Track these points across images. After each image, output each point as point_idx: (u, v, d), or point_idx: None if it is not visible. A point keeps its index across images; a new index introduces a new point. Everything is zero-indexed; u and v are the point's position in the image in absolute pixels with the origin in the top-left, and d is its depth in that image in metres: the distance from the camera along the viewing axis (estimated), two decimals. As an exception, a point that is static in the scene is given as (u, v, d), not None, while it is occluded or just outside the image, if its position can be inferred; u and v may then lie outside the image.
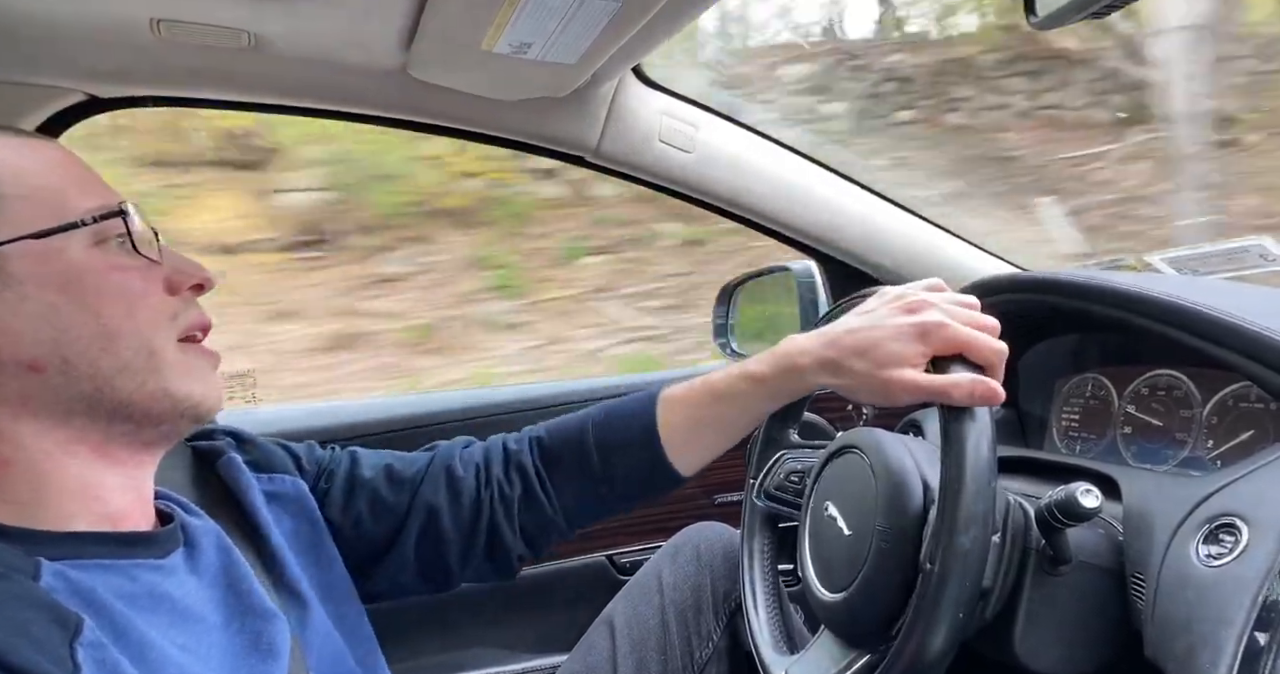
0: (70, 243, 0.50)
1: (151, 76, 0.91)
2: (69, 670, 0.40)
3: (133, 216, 0.53)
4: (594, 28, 0.77)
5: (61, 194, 0.51)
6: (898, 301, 0.65)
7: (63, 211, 0.50)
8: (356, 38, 0.86)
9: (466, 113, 1.00)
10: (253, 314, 3.42)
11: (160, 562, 0.52)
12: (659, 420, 0.73)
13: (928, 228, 1.19)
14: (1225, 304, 0.65)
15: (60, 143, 0.57)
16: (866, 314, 0.66)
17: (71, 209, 0.51)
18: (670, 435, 0.73)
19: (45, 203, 0.50)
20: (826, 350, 0.66)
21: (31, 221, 0.49)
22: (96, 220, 0.51)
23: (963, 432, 0.56)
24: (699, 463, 0.76)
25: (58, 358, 0.49)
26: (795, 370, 0.68)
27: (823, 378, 0.67)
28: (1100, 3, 0.49)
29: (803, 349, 0.68)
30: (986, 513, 0.54)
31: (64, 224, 0.50)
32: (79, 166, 0.54)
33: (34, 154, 0.52)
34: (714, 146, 1.09)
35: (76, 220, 0.50)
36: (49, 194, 0.51)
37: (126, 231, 0.52)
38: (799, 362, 0.68)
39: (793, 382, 0.69)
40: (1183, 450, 0.75)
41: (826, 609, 0.66)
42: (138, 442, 0.53)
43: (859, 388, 0.65)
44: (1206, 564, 0.55)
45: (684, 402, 0.74)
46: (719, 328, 1.35)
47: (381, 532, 0.72)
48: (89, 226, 0.51)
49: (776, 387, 0.70)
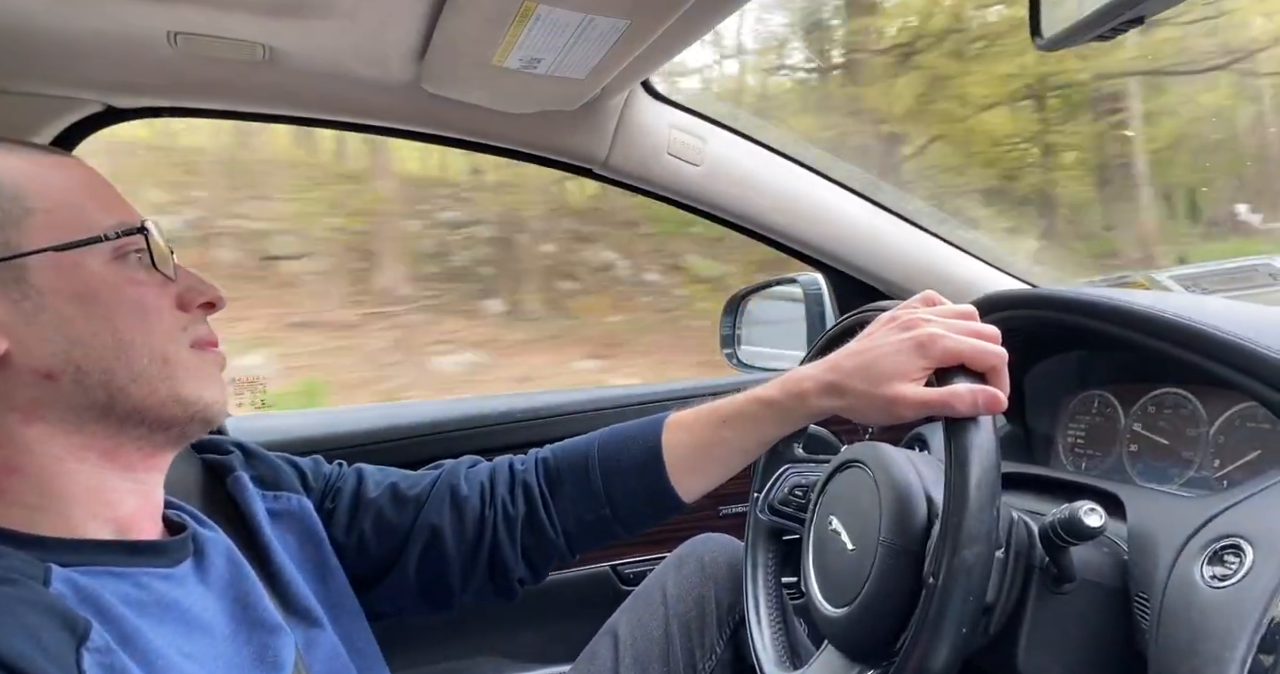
0: (91, 257, 0.51)
1: (168, 88, 0.93)
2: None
3: (153, 234, 0.54)
4: (604, 44, 0.78)
5: (85, 209, 0.53)
6: (893, 322, 0.66)
7: (86, 226, 0.52)
8: (370, 52, 0.87)
9: (477, 125, 1.02)
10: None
11: (170, 571, 0.53)
12: (664, 443, 0.74)
13: (935, 242, 1.19)
14: (1233, 324, 0.65)
15: (84, 160, 0.58)
16: (866, 338, 0.67)
17: (94, 224, 0.52)
18: (675, 459, 0.74)
19: (69, 217, 0.52)
20: (828, 374, 0.67)
21: (56, 234, 0.51)
22: (119, 236, 0.53)
23: (967, 445, 0.56)
24: (701, 488, 0.76)
25: (71, 367, 0.50)
26: (801, 395, 0.69)
27: (826, 401, 0.67)
28: (1107, 25, 0.49)
29: (806, 374, 0.69)
30: (990, 528, 0.54)
31: (87, 238, 0.51)
32: (102, 184, 0.56)
33: (60, 170, 0.54)
34: (722, 159, 1.10)
35: (100, 235, 0.52)
36: (73, 209, 0.52)
37: (146, 248, 0.54)
38: (804, 386, 0.68)
39: (799, 405, 0.69)
40: (1189, 470, 0.75)
41: (830, 624, 0.66)
42: (149, 446, 0.54)
43: (863, 408, 0.65)
44: (1211, 585, 0.55)
45: (691, 425, 0.74)
46: (725, 338, 1.36)
47: (384, 551, 0.72)
48: (110, 242, 0.52)
49: (784, 410, 0.70)
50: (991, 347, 0.61)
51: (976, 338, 0.62)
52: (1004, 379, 0.61)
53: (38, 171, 0.52)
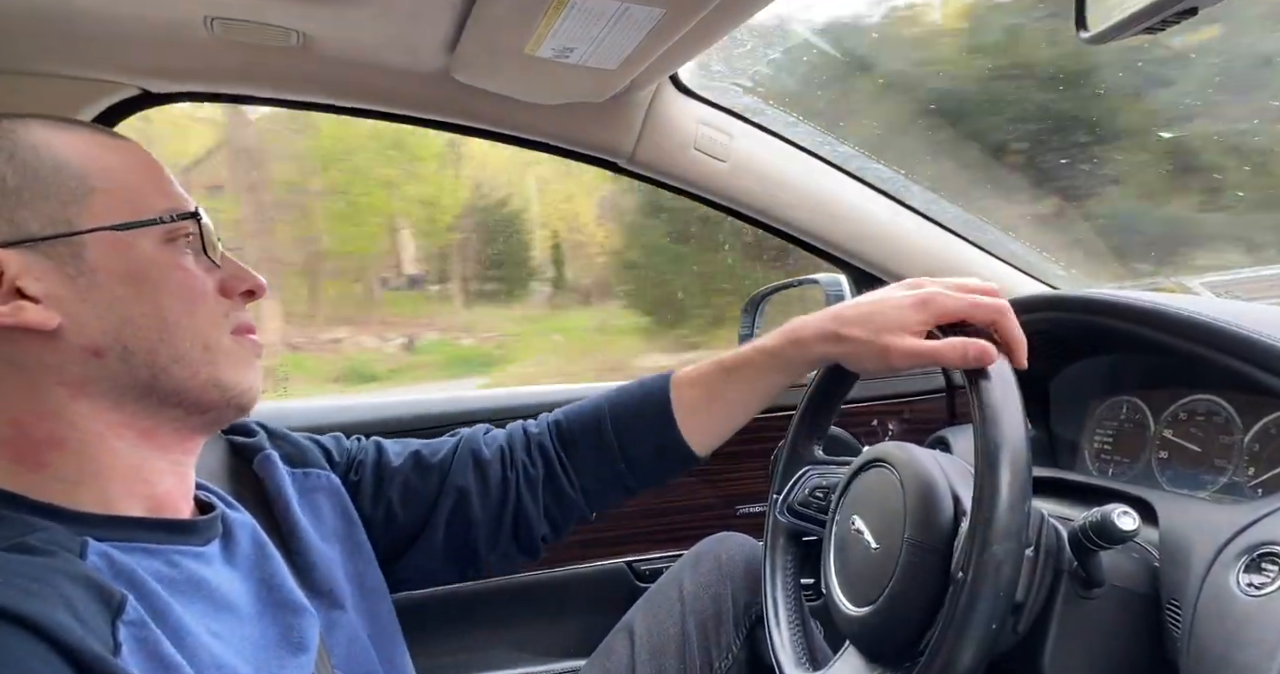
0: (144, 238, 0.52)
1: (203, 73, 0.94)
2: (110, 648, 0.41)
3: (204, 220, 0.56)
4: (637, 34, 0.78)
5: (142, 192, 0.54)
6: (901, 284, 0.71)
7: (142, 208, 0.53)
8: (402, 40, 0.87)
9: (505, 116, 1.02)
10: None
11: (200, 549, 0.53)
12: (672, 397, 0.76)
13: (961, 243, 1.18)
14: (1271, 328, 0.63)
15: (142, 146, 0.59)
16: (874, 294, 0.72)
17: (150, 207, 0.53)
18: (684, 412, 0.76)
19: (128, 199, 0.53)
20: (829, 323, 0.71)
21: (114, 215, 0.52)
22: (174, 219, 0.54)
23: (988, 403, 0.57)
24: (713, 440, 0.78)
25: (119, 345, 0.50)
26: (799, 342, 0.72)
27: (825, 347, 0.71)
28: (1155, 18, 0.48)
29: (806, 322, 0.73)
30: (1022, 523, 0.53)
31: (143, 220, 0.52)
32: (157, 167, 0.57)
33: (121, 153, 0.55)
34: (748, 156, 1.09)
35: (156, 217, 0.53)
36: (132, 191, 0.53)
37: (199, 233, 0.55)
38: (802, 333, 0.72)
39: (798, 352, 0.72)
40: (1222, 477, 0.74)
41: (851, 624, 0.65)
42: (185, 428, 0.55)
43: (859, 355, 0.69)
44: (1248, 594, 0.53)
45: (696, 379, 0.76)
46: (744, 338, 1.35)
47: (412, 518, 0.73)
48: (164, 225, 0.53)
49: (784, 358, 0.73)
50: (991, 301, 0.65)
51: (977, 296, 0.66)
52: (1010, 329, 0.64)
53: (100, 153, 0.53)
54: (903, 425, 1.21)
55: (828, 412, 0.85)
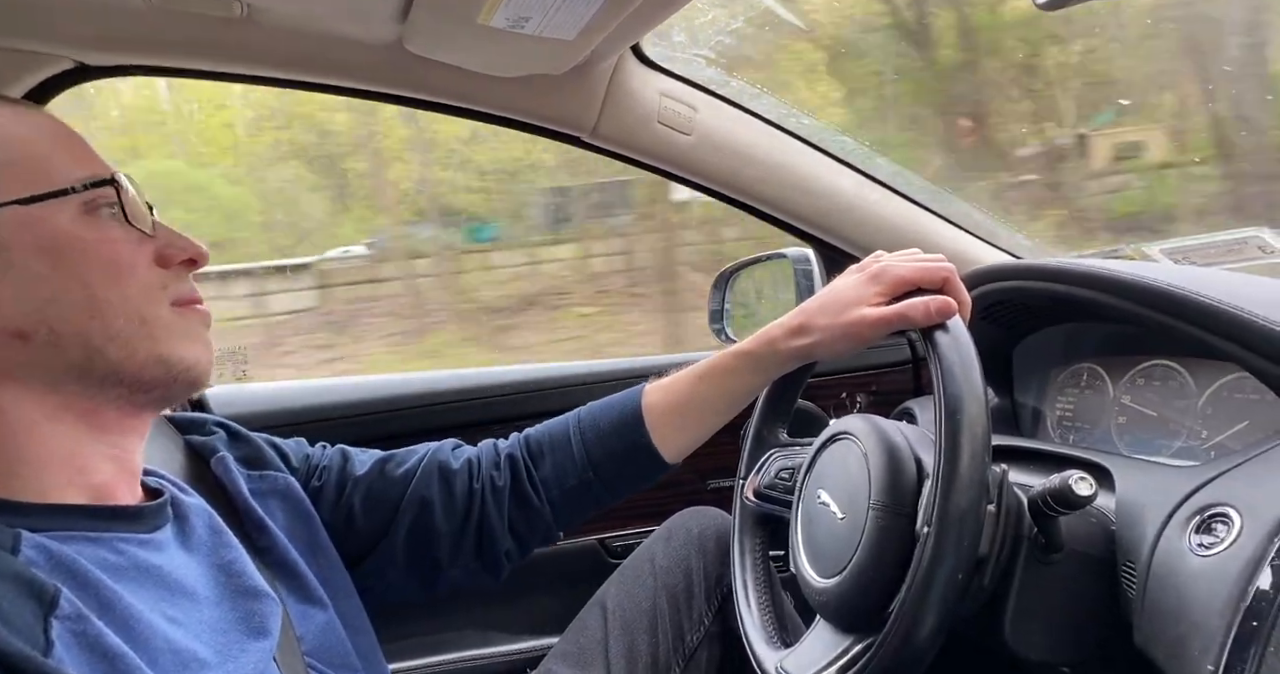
0: (59, 211, 0.49)
1: (142, 45, 0.89)
2: (41, 648, 0.40)
3: (125, 187, 0.52)
4: (593, 2, 0.76)
5: (50, 161, 0.50)
6: (854, 266, 0.74)
7: (51, 178, 0.49)
8: (351, 9, 0.84)
9: (462, 89, 0.99)
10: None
11: (148, 536, 0.52)
12: (643, 405, 0.76)
13: (926, 215, 1.18)
14: (1223, 293, 0.64)
15: (51, 112, 0.55)
16: (830, 284, 0.75)
17: (61, 176, 0.50)
18: (655, 418, 0.76)
19: (33, 169, 0.49)
20: (795, 318, 0.73)
21: (19, 187, 0.48)
22: (86, 188, 0.50)
23: (944, 347, 0.60)
24: (684, 446, 0.78)
25: (44, 327, 0.48)
26: (770, 341, 0.74)
27: (795, 341, 0.72)
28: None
29: (774, 323, 0.75)
30: (982, 471, 0.54)
31: (52, 191, 0.49)
32: (71, 135, 0.53)
33: (23, 121, 0.51)
34: (714, 129, 1.08)
35: (66, 187, 0.50)
36: (38, 161, 0.50)
37: (118, 202, 0.52)
38: (772, 333, 0.74)
39: (769, 351, 0.74)
40: (1177, 440, 0.75)
41: (820, 595, 0.66)
42: (129, 407, 0.52)
43: (830, 340, 0.71)
44: (1198, 554, 0.55)
45: (668, 386, 0.78)
46: (714, 314, 1.34)
47: (373, 525, 0.72)
48: (78, 195, 0.50)
49: (755, 358, 0.75)
50: (938, 264, 0.68)
51: (926, 262, 0.69)
52: (958, 290, 0.67)
53: (4, 123, 0.50)
54: (870, 397, 1.22)
55: (790, 396, 0.85)
